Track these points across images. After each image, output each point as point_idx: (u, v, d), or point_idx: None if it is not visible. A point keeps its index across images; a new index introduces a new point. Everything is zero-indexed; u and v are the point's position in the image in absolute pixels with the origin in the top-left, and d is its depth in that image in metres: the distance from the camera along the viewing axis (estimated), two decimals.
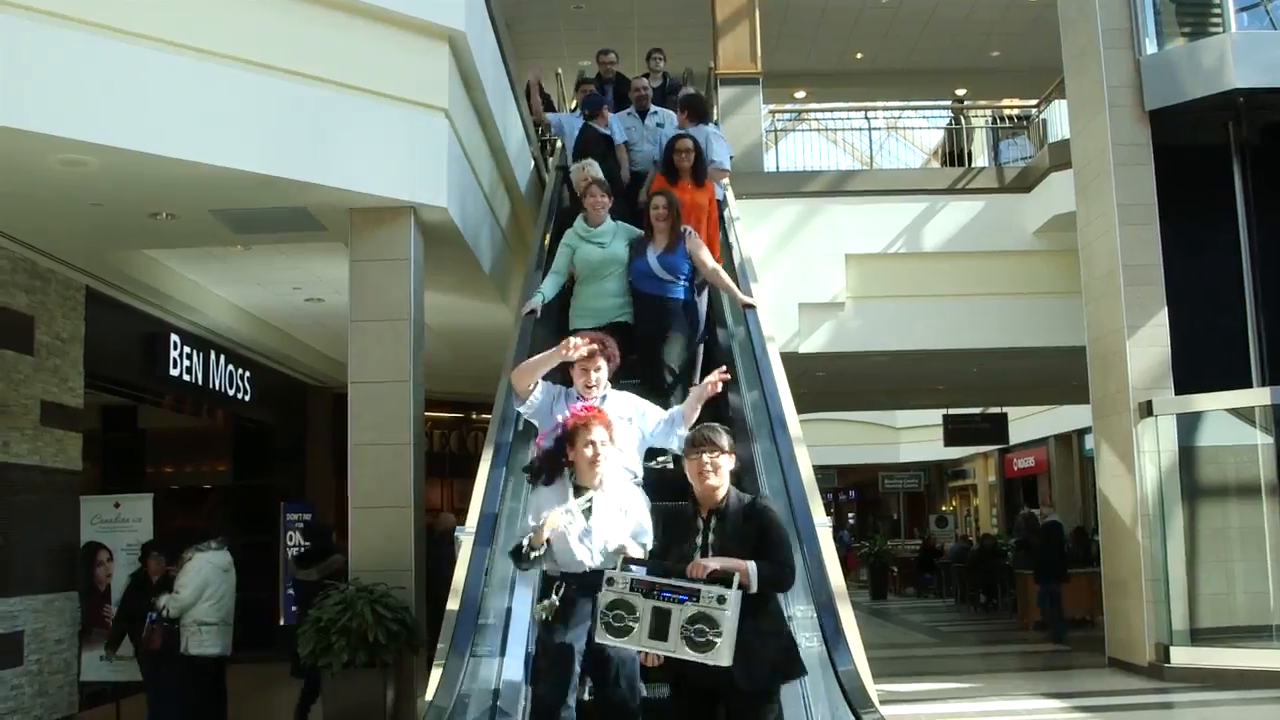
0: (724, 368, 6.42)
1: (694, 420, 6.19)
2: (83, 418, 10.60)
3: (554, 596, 4.47)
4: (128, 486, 13.09)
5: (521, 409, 5.53)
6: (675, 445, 5.38)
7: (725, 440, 4.45)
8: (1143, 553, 11.90)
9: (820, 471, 6.84)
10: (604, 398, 5.29)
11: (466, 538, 5.64)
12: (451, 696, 4.45)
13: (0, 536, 9.22)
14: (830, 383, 18.38)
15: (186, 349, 12.53)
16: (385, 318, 8.60)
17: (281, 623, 11.82)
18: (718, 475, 4.37)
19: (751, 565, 4.13)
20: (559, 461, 4.66)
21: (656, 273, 7.36)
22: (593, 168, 9.03)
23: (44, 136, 6.62)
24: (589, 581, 4.42)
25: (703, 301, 7.78)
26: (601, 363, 5.31)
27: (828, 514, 5.80)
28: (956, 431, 24.97)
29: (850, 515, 42.08)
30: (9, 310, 9.37)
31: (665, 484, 5.78)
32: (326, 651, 7.47)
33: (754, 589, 4.10)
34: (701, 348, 7.75)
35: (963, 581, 22.66)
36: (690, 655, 3.96)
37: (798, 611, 5.06)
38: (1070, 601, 16.61)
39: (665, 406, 6.33)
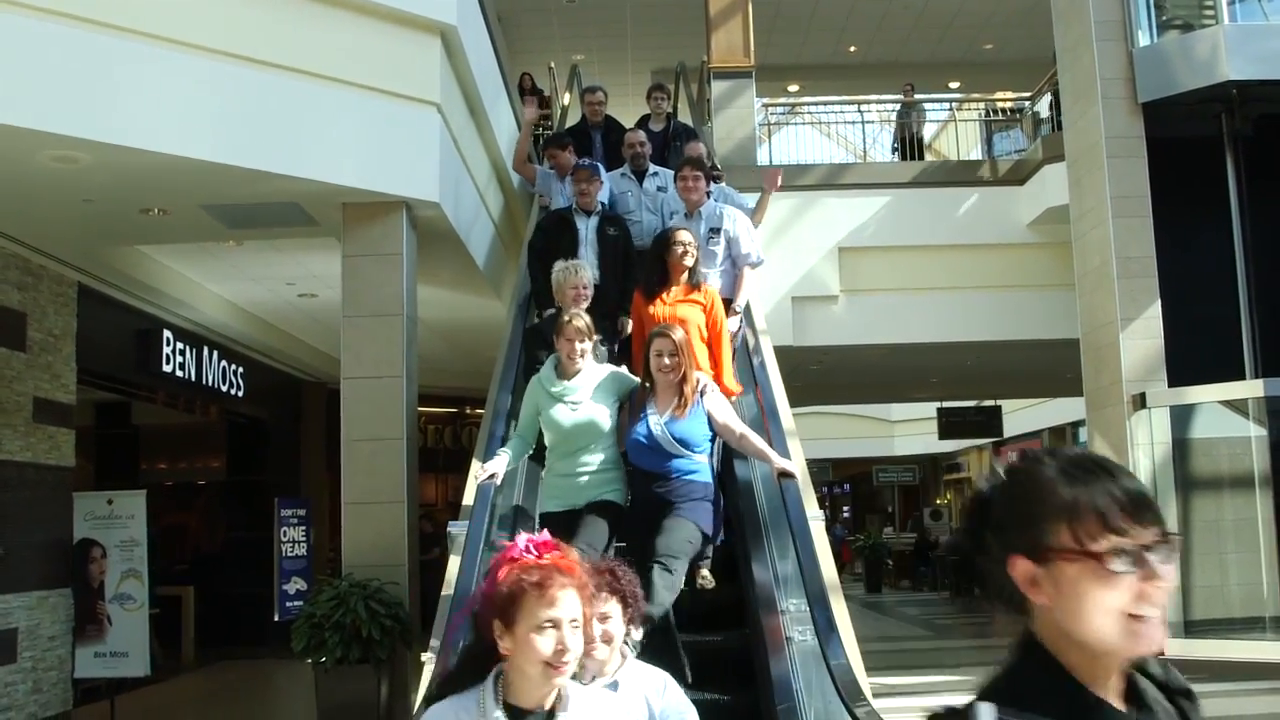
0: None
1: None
2: (75, 414, 10.59)
3: None
4: (121, 483, 13.06)
5: None
6: None
7: None
8: None
9: (814, 465, 6.70)
10: (613, 683, 3.26)
11: (461, 532, 5.62)
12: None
13: (1, 548, 9.23)
14: (824, 376, 18.38)
15: (179, 345, 12.51)
16: (378, 313, 8.59)
17: (277, 619, 11.80)
18: None
19: None
20: (485, 659, 2.49)
21: (663, 445, 5.31)
22: (584, 273, 6.62)
23: (34, 133, 6.61)
24: None
25: (715, 458, 5.69)
26: (613, 609, 3.30)
27: (821, 507, 5.82)
28: (951, 424, 25.06)
29: (845, 508, 42.11)
30: (0, 307, 9.35)
31: None
32: (320, 647, 7.47)
33: None
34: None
35: (958, 574, 22.65)
36: None
37: (791, 606, 5.06)
38: None
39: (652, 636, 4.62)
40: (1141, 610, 1.50)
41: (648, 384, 5.46)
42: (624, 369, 5.98)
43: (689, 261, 6.55)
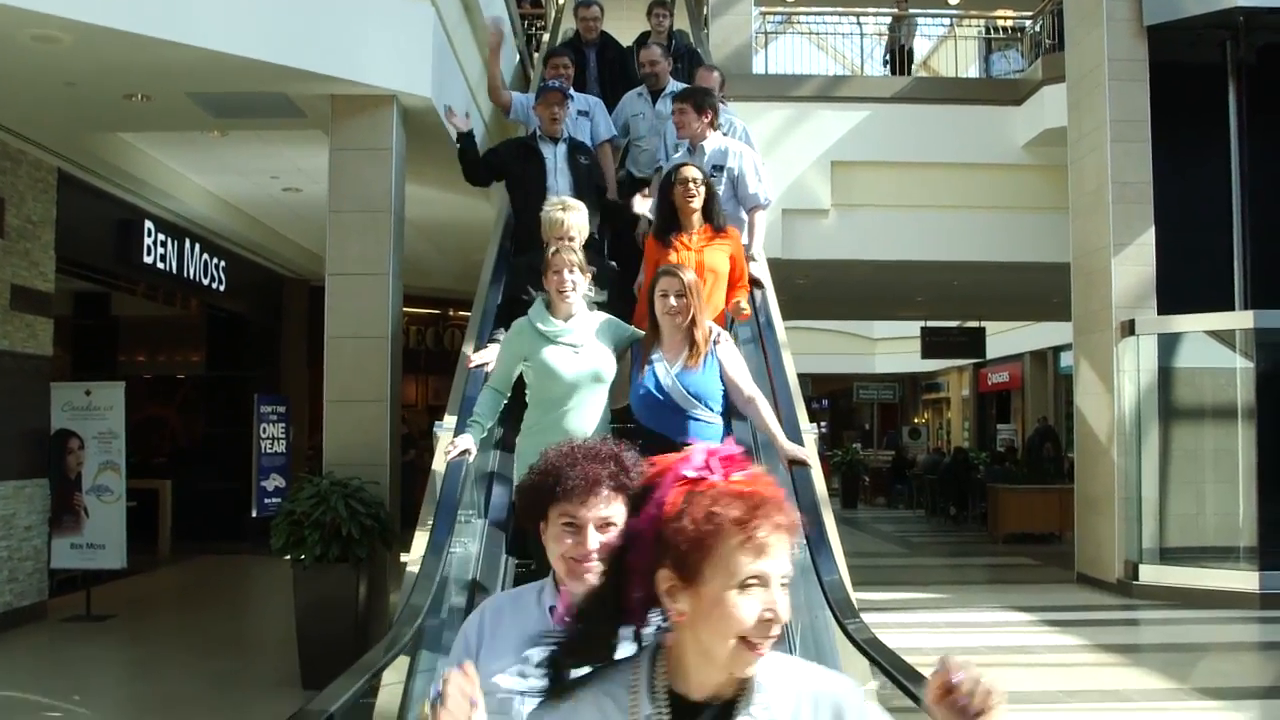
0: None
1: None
2: (54, 303, 10.45)
3: None
4: (99, 374, 12.97)
5: None
6: None
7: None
8: (1117, 471, 11.96)
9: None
10: None
11: (445, 433, 5.55)
12: (428, 595, 4.37)
13: None
14: (810, 290, 18.27)
15: (161, 236, 12.34)
16: (365, 209, 8.44)
17: (254, 514, 11.79)
18: None
19: None
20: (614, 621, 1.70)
21: (675, 400, 4.71)
22: (575, 215, 5.32)
23: (14, 9, 6.38)
24: None
25: None
26: (618, 512, 2.26)
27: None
28: (933, 344, 25.00)
29: (822, 424, 42.23)
30: None
31: None
32: (300, 544, 7.44)
33: None
34: None
35: (934, 493, 22.83)
36: None
37: None
38: (1040, 517, 16.79)
39: None
40: None
41: (655, 334, 4.80)
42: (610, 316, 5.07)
43: (696, 203, 5.75)
